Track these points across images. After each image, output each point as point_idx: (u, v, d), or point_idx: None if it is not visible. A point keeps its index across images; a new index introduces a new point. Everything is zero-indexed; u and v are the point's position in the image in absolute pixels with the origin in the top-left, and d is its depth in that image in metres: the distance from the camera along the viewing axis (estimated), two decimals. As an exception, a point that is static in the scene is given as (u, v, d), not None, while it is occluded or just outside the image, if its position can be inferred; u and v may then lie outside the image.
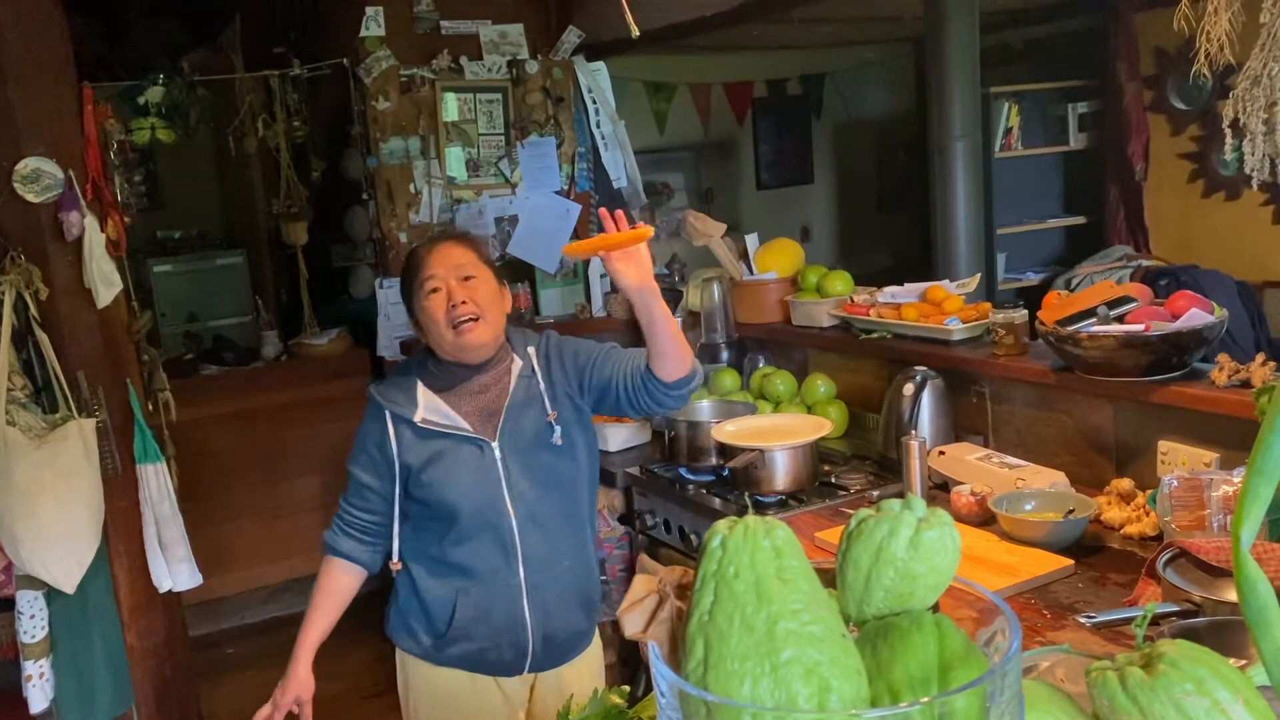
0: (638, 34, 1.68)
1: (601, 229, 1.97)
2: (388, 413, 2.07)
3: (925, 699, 0.71)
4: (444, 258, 2.04)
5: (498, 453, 2.04)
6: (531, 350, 2.12)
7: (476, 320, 2.01)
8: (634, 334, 3.03)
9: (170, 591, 3.24)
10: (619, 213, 1.96)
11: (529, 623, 2.07)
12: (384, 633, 2.21)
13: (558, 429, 2.07)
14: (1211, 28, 1.93)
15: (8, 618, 3.04)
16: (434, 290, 2.02)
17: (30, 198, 2.97)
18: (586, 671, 2.21)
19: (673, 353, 1.99)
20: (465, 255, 2.06)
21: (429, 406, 2.06)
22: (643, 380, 2.04)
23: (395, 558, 2.12)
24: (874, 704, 0.72)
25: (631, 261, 1.90)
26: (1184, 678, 0.75)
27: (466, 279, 2.02)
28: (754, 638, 0.70)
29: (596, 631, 2.26)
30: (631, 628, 0.80)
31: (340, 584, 2.14)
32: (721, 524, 0.78)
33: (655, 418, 3.10)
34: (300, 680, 2.07)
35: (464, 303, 2.00)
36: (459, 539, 2.05)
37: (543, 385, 2.09)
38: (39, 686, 2.96)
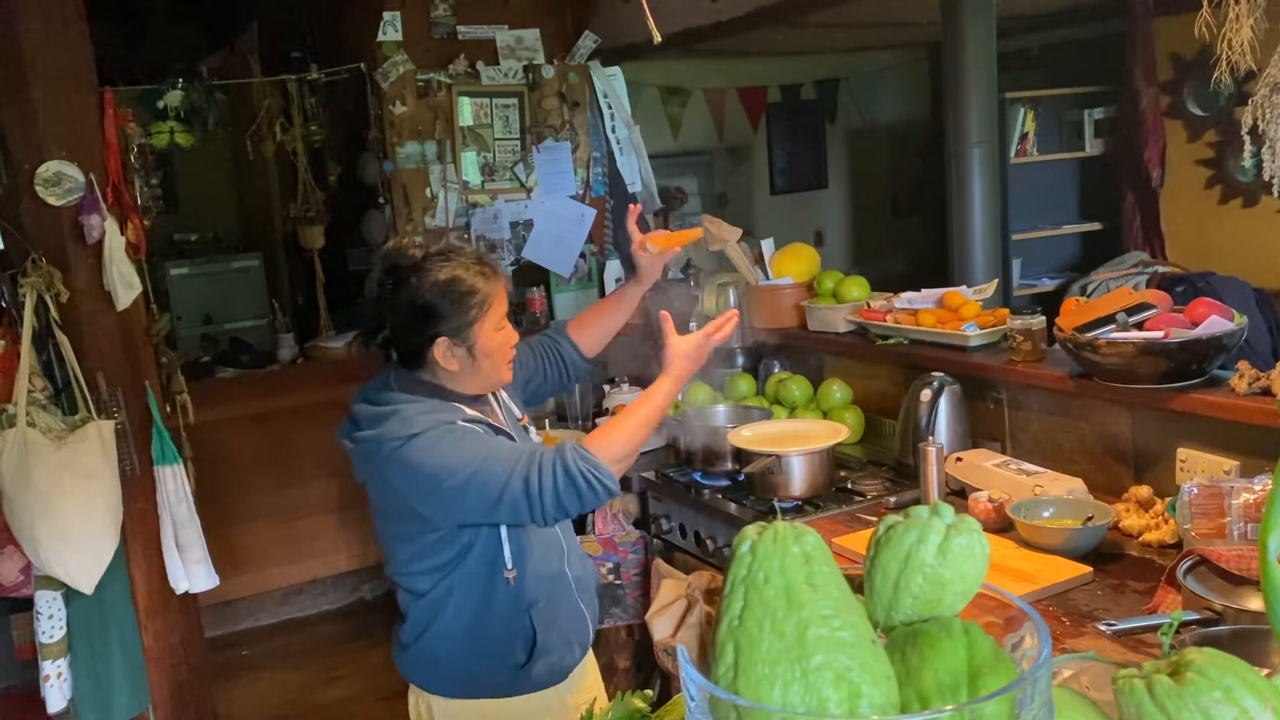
0: (659, 39, 1.69)
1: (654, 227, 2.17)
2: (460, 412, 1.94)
3: (955, 705, 0.71)
4: (504, 298, 2.01)
5: None
6: None
7: None
8: (647, 338, 3.03)
9: (187, 593, 3.26)
10: (635, 208, 2.31)
11: (585, 615, 2.10)
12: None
13: (531, 430, 2.17)
14: (1233, 34, 1.92)
15: (26, 618, 3.06)
16: (503, 328, 2.00)
17: (52, 201, 3.00)
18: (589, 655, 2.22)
19: (610, 332, 2.35)
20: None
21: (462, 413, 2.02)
22: (561, 347, 2.30)
23: (510, 565, 1.95)
24: (904, 710, 0.72)
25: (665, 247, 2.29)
26: (1212, 686, 0.76)
27: None
28: (784, 643, 0.70)
29: None
30: (660, 632, 0.80)
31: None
32: (750, 529, 0.78)
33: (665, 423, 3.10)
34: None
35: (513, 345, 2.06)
36: (518, 549, 1.95)
37: (505, 394, 2.16)
38: (57, 686, 2.98)
